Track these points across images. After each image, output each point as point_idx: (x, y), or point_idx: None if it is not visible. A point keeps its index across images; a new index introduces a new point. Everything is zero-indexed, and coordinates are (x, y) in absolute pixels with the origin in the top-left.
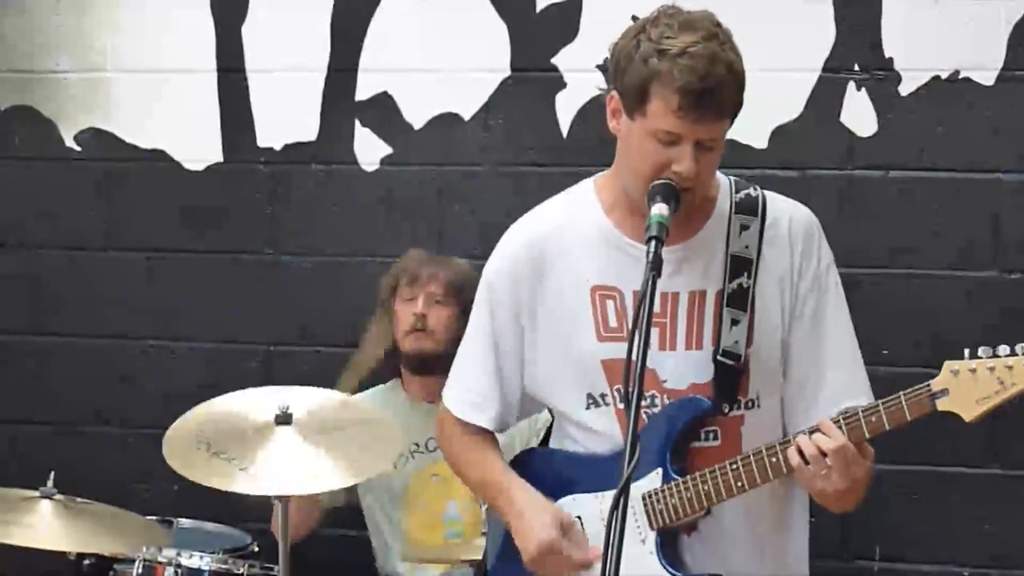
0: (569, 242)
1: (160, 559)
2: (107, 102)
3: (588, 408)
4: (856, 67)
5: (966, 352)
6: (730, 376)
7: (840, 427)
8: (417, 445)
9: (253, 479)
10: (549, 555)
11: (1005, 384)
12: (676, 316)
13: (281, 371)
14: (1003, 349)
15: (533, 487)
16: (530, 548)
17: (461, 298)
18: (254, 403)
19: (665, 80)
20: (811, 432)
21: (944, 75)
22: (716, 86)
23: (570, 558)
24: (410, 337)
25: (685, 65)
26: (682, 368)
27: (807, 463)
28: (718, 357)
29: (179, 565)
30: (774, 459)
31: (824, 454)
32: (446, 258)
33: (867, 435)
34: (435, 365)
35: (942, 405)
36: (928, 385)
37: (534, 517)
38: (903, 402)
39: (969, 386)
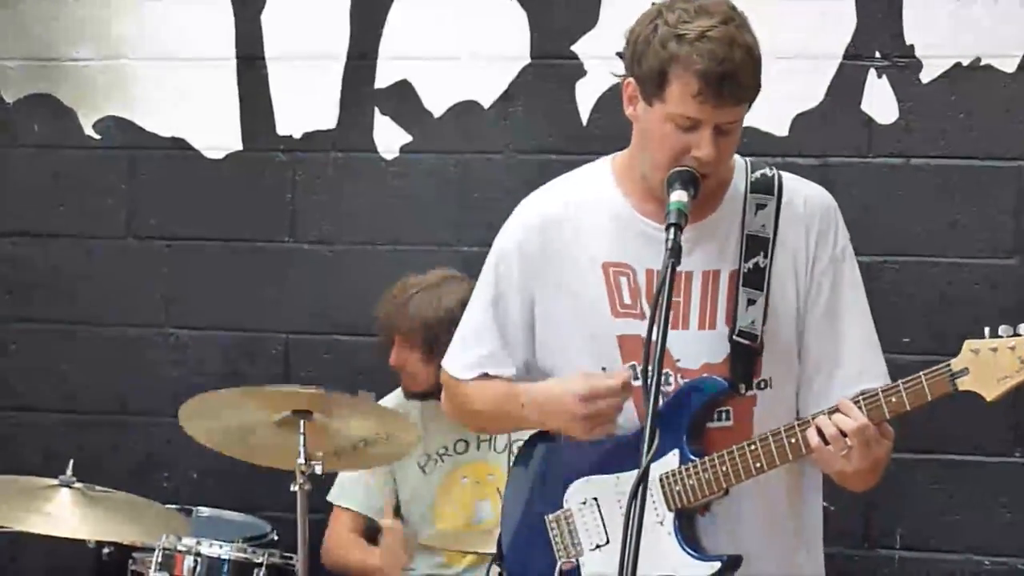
0: (582, 218)
1: (179, 548)
2: (127, 90)
3: None
4: (877, 54)
5: (986, 331)
6: (746, 356)
7: (860, 407)
8: (445, 448)
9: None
10: (592, 401)
11: None
12: (689, 295)
13: (300, 359)
14: None
15: (547, 469)
16: (574, 406)
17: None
18: None
19: (684, 64)
20: (831, 412)
21: (965, 62)
22: (735, 69)
23: (611, 387)
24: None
25: (704, 49)
26: (695, 347)
27: (827, 443)
28: (734, 337)
29: (198, 554)
30: (793, 440)
31: (844, 434)
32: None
33: (887, 415)
34: (432, 394)
35: (963, 384)
36: (948, 364)
37: (561, 384)
38: (923, 381)
39: (990, 365)
